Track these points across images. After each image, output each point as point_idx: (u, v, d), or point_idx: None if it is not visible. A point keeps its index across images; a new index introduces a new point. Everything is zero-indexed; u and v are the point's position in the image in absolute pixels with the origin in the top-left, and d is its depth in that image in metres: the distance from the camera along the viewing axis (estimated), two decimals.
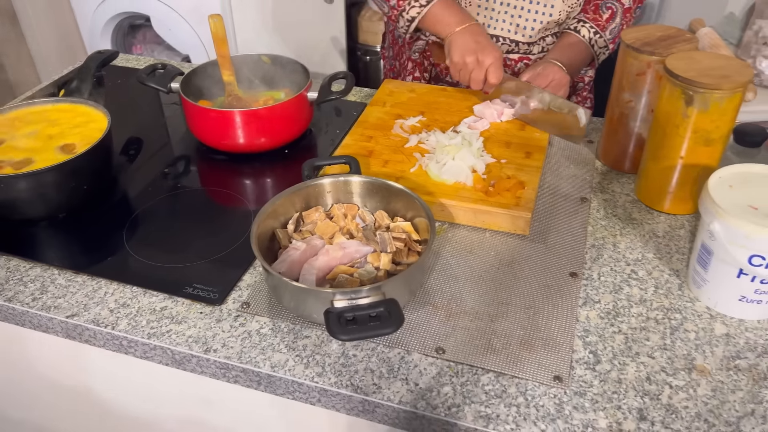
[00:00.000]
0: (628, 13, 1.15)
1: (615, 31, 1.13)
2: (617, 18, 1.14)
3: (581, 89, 1.29)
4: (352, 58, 2.31)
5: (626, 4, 1.14)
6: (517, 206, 0.86)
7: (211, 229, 0.90)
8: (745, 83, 0.79)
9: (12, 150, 0.93)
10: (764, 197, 0.72)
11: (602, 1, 1.14)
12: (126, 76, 1.29)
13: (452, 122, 1.04)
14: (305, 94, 1.03)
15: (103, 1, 2.36)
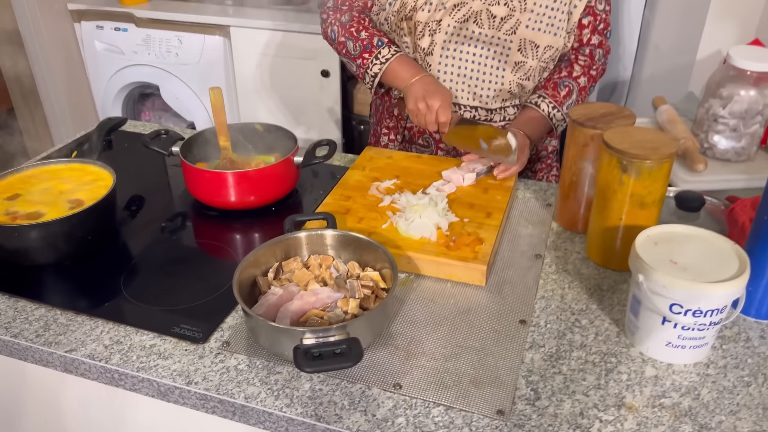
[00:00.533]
0: (583, 91, 1.29)
1: (571, 107, 1.26)
2: (573, 95, 1.27)
3: (545, 157, 1.41)
4: (347, 127, 2.46)
5: (581, 84, 1.28)
6: (475, 259, 0.96)
7: (200, 276, 1.00)
8: (671, 154, 0.90)
9: (26, 204, 1.05)
10: (683, 253, 0.82)
11: (560, 80, 1.27)
12: (133, 140, 1.42)
13: (423, 185, 1.15)
14: (292, 158, 1.15)
15: (117, 72, 2.54)
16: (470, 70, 1.27)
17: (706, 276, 0.78)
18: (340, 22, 1.31)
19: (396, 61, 1.25)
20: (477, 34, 1.24)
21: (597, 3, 1.28)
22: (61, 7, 2.50)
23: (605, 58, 1.33)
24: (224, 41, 2.39)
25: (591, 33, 1.29)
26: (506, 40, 1.23)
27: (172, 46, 2.42)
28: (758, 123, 1.38)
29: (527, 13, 1.22)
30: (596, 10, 1.28)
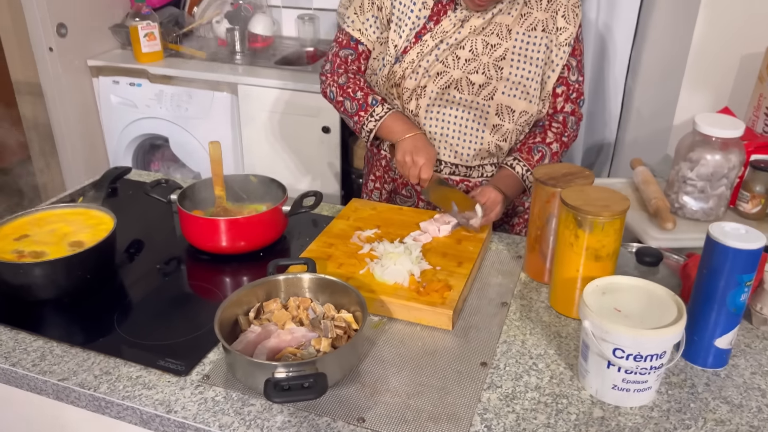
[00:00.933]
0: (555, 155, 1.38)
1: None
2: (546, 159, 1.36)
3: (522, 212, 1.49)
4: (346, 180, 2.56)
5: (554, 149, 1.37)
6: (443, 305, 1.03)
7: (188, 315, 1.08)
8: (621, 212, 0.98)
9: (33, 243, 1.14)
10: (627, 302, 0.89)
11: (534, 145, 1.37)
12: (137, 188, 1.52)
13: (402, 235, 1.23)
14: (280, 207, 1.24)
15: (130, 123, 2.68)
16: (452, 130, 1.37)
17: (645, 323, 0.85)
18: (338, 83, 1.43)
19: (389, 117, 1.36)
20: (458, 98, 1.34)
21: (570, 74, 1.38)
22: (82, 63, 2.66)
23: (577, 126, 1.43)
24: (232, 97, 2.53)
25: (564, 101, 1.39)
26: (484, 104, 1.34)
27: (182, 101, 2.56)
28: (724, 185, 1.46)
29: (503, 81, 1.33)
30: (569, 81, 1.39)
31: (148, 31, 2.57)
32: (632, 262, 1.17)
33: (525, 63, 1.33)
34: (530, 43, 1.33)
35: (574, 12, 1.35)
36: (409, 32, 1.36)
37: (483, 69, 1.33)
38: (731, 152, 1.43)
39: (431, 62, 1.35)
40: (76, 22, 2.60)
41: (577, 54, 1.39)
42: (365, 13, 1.40)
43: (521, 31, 1.33)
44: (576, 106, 1.41)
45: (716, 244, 0.89)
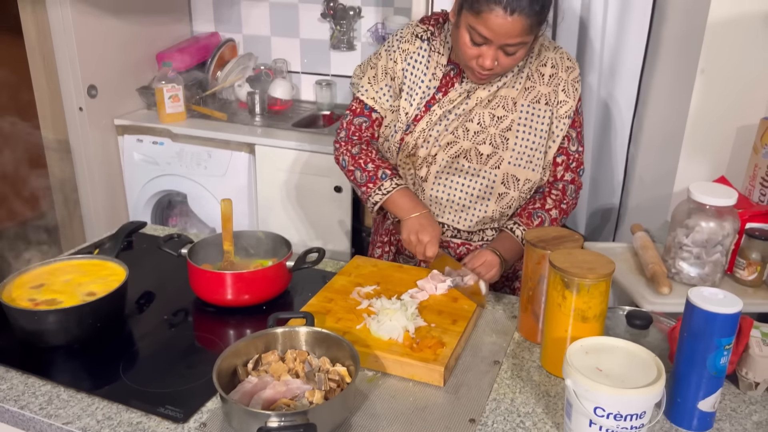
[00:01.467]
0: (554, 221, 1.43)
1: None
2: (545, 225, 1.41)
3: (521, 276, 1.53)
4: (357, 238, 2.63)
5: (553, 216, 1.43)
6: (435, 361, 1.06)
7: (190, 364, 1.12)
8: (607, 275, 1.02)
9: (48, 292, 1.20)
10: (609, 362, 0.92)
11: (534, 211, 1.42)
12: (151, 242, 1.59)
13: (400, 292, 1.27)
14: (284, 262, 1.30)
15: (151, 180, 2.79)
16: (458, 197, 1.44)
17: (626, 383, 0.87)
18: (351, 153, 1.50)
19: (397, 193, 1.42)
20: (466, 167, 1.41)
21: (570, 144, 1.45)
22: (109, 122, 2.80)
23: (577, 194, 1.48)
24: (249, 157, 2.64)
25: (564, 170, 1.46)
26: (491, 173, 1.41)
27: (202, 160, 2.67)
28: (719, 252, 1.49)
29: (509, 151, 1.40)
30: (569, 151, 1.45)
31: (172, 93, 2.71)
32: (623, 324, 1.20)
33: (530, 134, 1.40)
34: (535, 114, 1.41)
35: (574, 87, 1.42)
36: (419, 101, 1.44)
37: (490, 139, 1.40)
38: (725, 220, 1.47)
39: (441, 132, 1.43)
40: (106, 83, 2.75)
41: (576, 126, 1.46)
42: (379, 82, 1.48)
43: (526, 103, 1.41)
44: (576, 175, 1.47)
45: (695, 308, 0.92)
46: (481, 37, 1.26)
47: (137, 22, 2.86)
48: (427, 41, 1.46)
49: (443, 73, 1.45)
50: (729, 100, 1.76)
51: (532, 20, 1.23)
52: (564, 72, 1.42)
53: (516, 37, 1.25)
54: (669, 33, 1.96)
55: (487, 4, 1.21)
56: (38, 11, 2.62)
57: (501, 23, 1.22)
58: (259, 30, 3.12)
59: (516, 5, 1.20)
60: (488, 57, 1.28)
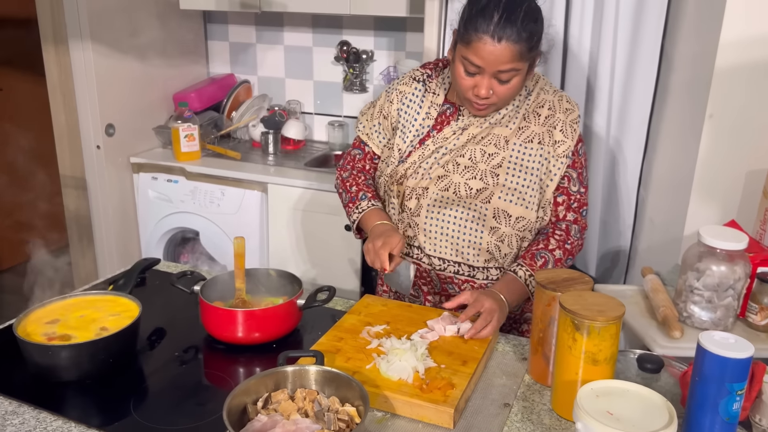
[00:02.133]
0: (558, 262, 1.43)
1: None
2: (549, 265, 1.42)
3: (529, 319, 1.53)
4: (367, 276, 2.63)
5: (557, 256, 1.43)
6: (444, 402, 1.06)
7: (200, 402, 1.13)
8: (617, 317, 1.02)
9: (62, 327, 1.21)
10: (620, 406, 0.91)
11: (537, 252, 1.43)
12: (164, 279, 1.60)
13: (410, 331, 1.28)
14: (295, 300, 1.31)
15: (164, 217, 2.82)
16: (452, 229, 1.45)
17: (637, 427, 0.87)
18: (342, 177, 1.61)
19: (369, 212, 1.50)
20: (457, 199, 1.43)
21: (571, 185, 1.46)
22: (125, 160, 2.85)
23: (581, 234, 1.49)
24: (262, 195, 2.67)
25: (566, 210, 1.46)
26: (482, 207, 1.42)
27: (215, 198, 2.71)
28: (731, 296, 1.49)
29: (499, 187, 1.42)
30: (570, 191, 1.46)
31: (188, 132, 2.77)
32: (634, 368, 1.19)
33: (521, 171, 1.42)
34: (526, 153, 1.43)
35: (572, 127, 1.44)
36: (413, 138, 1.49)
37: (480, 175, 1.42)
38: (737, 264, 1.47)
39: (432, 165, 1.46)
40: (123, 123, 2.81)
41: (577, 166, 1.47)
42: (373, 119, 1.58)
43: (518, 142, 1.43)
44: (578, 215, 1.48)
45: (706, 353, 0.92)
46: (473, 66, 1.31)
47: (155, 64, 2.94)
48: (423, 82, 1.52)
49: (438, 111, 1.49)
50: (738, 145, 1.78)
51: (521, 47, 1.28)
52: (562, 113, 1.44)
53: (506, 63, 1.29)
54: (677, 80, 1.99)
55: (476, 33, 1.28)
56: (61, 53, 2.70)
57: (490, 50, 1.27)
58: (274, 72, 3.20)
59: (502, 33, 1.26)
60: (483, 86, 1.32)
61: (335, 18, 2.97)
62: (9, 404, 1.10)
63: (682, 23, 1.95)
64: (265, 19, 3.12)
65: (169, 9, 2.95)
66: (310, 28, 3.05)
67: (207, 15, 3.24)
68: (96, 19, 2.61)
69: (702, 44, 1.81)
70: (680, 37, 1.96)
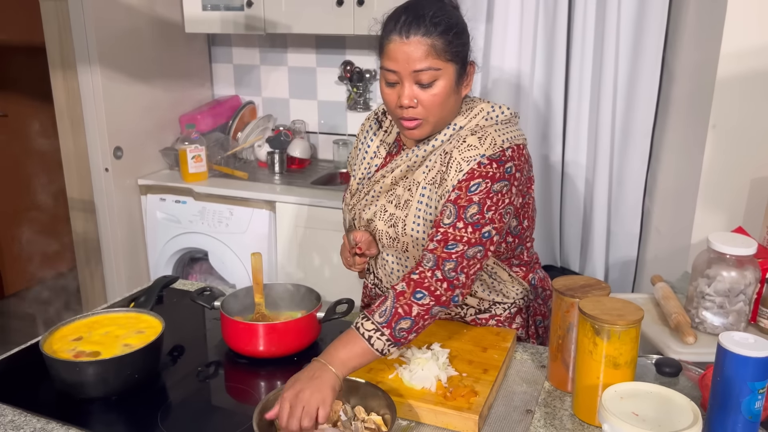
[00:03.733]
0: (401, 295, 1.16)
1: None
2: (387, 302, 1.16)
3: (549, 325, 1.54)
4: None
5: (399, 290, 1.17)
6: (469, 409, 1.08)
7: (225, 415, 1.14)
8: (636, 321, 1.05)
9: (88, 344, 1.23)
10: (644, 407, 0.93)
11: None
12: (181, 296, 1.62)
13: (429, 342, 1.29)
14: (315, 313, 1.32)
15: (173, 238, 2.84)
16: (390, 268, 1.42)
17: (662, 427, 0.88)
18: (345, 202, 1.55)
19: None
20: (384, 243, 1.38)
21: (444, 217, 1.23)
22: (133, 182, 2.88)
23: (438, 263, 1.19)
24: (270, 214, 2.69)
25: (430, 241, 1.23)
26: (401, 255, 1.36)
27: (223, 217, 2.73)
28: (742, 301, 1.51)
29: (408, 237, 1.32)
30: (441, 223, 1.23)
31: (195, 153, 2.79)
32: (652, 373, 1.21)
33: (421, 220, 1.31)
34: (425, 196, 1.30)
35: (460, 165, 1.24)
36: (362, 175, 1.45)
37: (393, 222, 1.34)
38: (746, 269, 1.49)
39: (364, 206, 1.42)
40: (131, 145, 2.84)
41: (461, 202, 1.22)
42: (354, 152, 1.54)
43: (425, 183, 1.30)
44: (440, 245, 1.20)
45: (727, 353, 0.94)
46: (390, 72, 1.23)
47: (162, 87, 2.98)
48: (377, 120, 1.47)
49: (387, 151, 1.44)
50: (741, 154, 1.81)
51: (434, 41, 1.20)
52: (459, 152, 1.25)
53: (420, 61, 1.20)
54: (678, 91, 2.03)
55: (386, 37, 1.23)
56: (69, 78, 2.74)
57: (399, 48, 1.21)
58: (278, 93, 3.24)
59: (409, 28, 1.20)
60: (404, 94, 1.23)
61: (338, 38, 3.01)
62: (38, 421, 1.11)
63: (682, 35, 1.99)
64: (269, 41, 3.17)
65: (175, 33, 2.99)
66: (313, 48, 3.09)
67: (211, 38, 3.29)
68: (103, 44, 2.65)
69: (703, 55, 1.85)
70: (681, 49, 2.01)
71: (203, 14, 2.87)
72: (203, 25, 2.90)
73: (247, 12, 2.77)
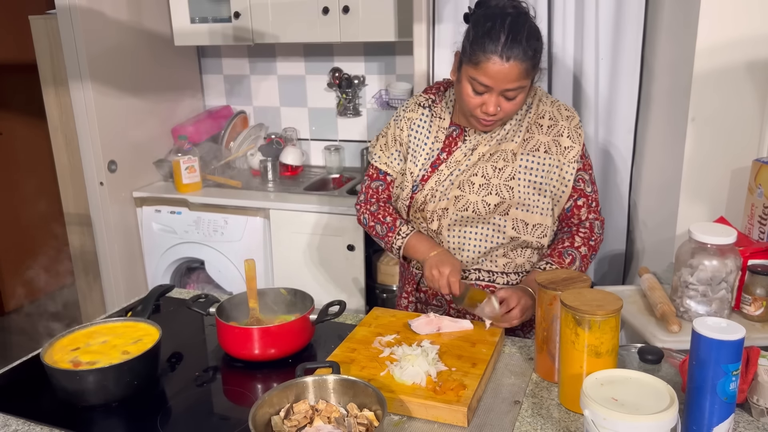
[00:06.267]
0: (585, 258, 1.50)
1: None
2: (577, 262, 1.49)
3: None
4: (371, 295, 2.68)
5: (583, 252, 1.50)
6: (458, 402, 1.11)
7: (223, 416, 1.18)
8: (615, 310, 1.08)
9: (87, 353, 1.26)
10: (624, 393, 0.97)
11: (564, 250, 1.50)
12: (177, 305, 1.65)
13: (420, 339, 1.33)
14: (307, 316, 1.36)
15: (169, 248, 2.87)
16: (473, 244, 1.52)
17: (641, 411, 0.92)
18: (370, 211, 1.63)
19: (413, 237, 1.54)
20: (475, 217, 1.50)
21: (585, 186, 1.55)
22: (128, 195, 2.92)
23: (602, 229, 1.57)
24: (264, 221, 2.73)
25: (587, 212, 1.55)
26: (501, 219, 1.49)
27: (218, 226, 2.77)
28: (724, 289, 1.55)
29: (515, 199, 1.49)
30: (586, 193, 1.55)
31: (188, 164, 2.83)
32: (636, 361, 1.24)
33: (532, 181, 1.50)
34: (534, 162, 1.50)
35: (577, 132, 1.52)
36: (424, 162, 1.56)
37: (496, 190, 1.49)
38: (727, 258, 1.53)
39: (448, 187, 1.52)
40: (125, 158, 2.88)
41: (587, 168, 1.56)
42: (390, 149, 1.63)
43: (525, 153, 1.51)
44: (597, 213, 1.57)
45: (701, 337, 0.98)
46: (482, 85, 1.38)
47: (153, 100, 3.02)
48: (429, 108, 1.59)
49: (446, 134, 1.57)
50: (721, 146, 1.85)
51: (527, 65, 1.36)
52: (565, 120, 1.52)
53: (514, 81, 1.36)
54: (658, 87, 2.08)
55: (485, 54, 1.34)
56: (61, 94, 2.78)
57: (499, 69, 1.34)
58: (269, 101, 3.28)
59: (510, 53, 1.33)
60: (491, 104, 1.39)
61: (326, 46, 3.06)
62: (41, 430, 1.14)
63: (659, 33, 2.04)
64: (257, 51, 3.21)
65: (164, 46, 3.04)
66: (302, 57, 3.14)
67: (201, 50, 3.33)
68: (94, 59, 2.69)
69: (679, 52, 1.90)
70: (658, 46, 2.05)
71: (192, 27, 2.91)
72: (192, 38, 2.95)
73: (235, 23, 2.81)
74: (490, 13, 1.38)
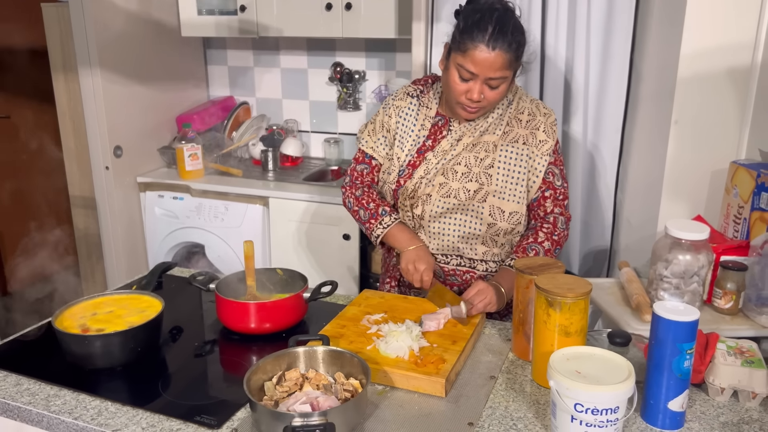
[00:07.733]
0: (548, 253, 1.59)
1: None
2: (540, 256, 1.56)
3: None
4: (365, 283, 2.77)
5: (546, 247, 1.58)
6: (437, 374, 1.20)
7: (220, 382, 1.27)
8: (584, 293, 1.17)
9: (95, 321, 1.35)
10: (587, 367, 1.06)
11: (528, 245, 1.58)
12: (179, 282, 1.74)
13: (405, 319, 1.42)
14: (301, 294, 1.45)
15: (171, 233, 2.96)
16: (453, 229, 1.61)
17: (601, 382, 1.01)
18: (355, 195, 1.71)
19: (395, 227, 1.62)
20: (456, 204, 1.59)
21: (555, 179, 1.63)
22: (132, 180, 3.01)
23: (567, 225, 1.65)
24: (263, 209, 2.82)
25: (553, 205, 1.63)
26: (479, 206, 1.58)
27: (219, 213, 2.85)
28: (696, 282, 1.64)
29: (492, 186, 1.58)
30: (555, 185, 1.63)
31: (192, 152, 2.92)
32: (605, 344, 1.33)
33: (509, 170, 1.59)
34: (513, 153, 1.59)
35: (552, 128, 1.62)
36: (410, 148, 1.65)
37: (475, 177, 1.58)
38: (700, 253, 1.62)
39: (434, 174, 1.61)
40: (130, 144, 2.97)
41: (558, 164, 1.64)
42: (377, 134, 1.71)
43: (505, 144, 1.60)
44: (563, 208, 1.64)
45: (659, 319, 1.07)
46: (468, 72, 1.47)
47: (159, 89, 3.11)
48: (417, 97, 1.68)
49: (432, 123, 1.66)
50: (701, 148, 1.94)
51: (511, 56, 1.45)
52: (542, 116, 1.62)
53: (497, 70, 1.45)
54: (645, 90, 2.17)
55: (473, 42, 1.44)
56: (70, 80, 2.87)
57: (485, 57, 1.44)
58: (272, 93, 3.37)
59: (496, 43, 1.43)
60: (475, 90, 1.48)
61: (328, 41, 3.14)
62: (51, 389, 1.23)
63: (648, 38, 2.13)
64: (262, 44, 3.30)
65: (171, 37, 3.12)
66: (304, 51, 3.22)
67: (207, 41, 3.41)
68: (103, 47, 2.78)
69: (665, 56, 1.99)
70: (646, 51, 2.14)
71: (198, 19, 3.00)
72: (199, 29, 3.03)
73: (240, 16, 2.90)
74: (479, 7, 1.48)
